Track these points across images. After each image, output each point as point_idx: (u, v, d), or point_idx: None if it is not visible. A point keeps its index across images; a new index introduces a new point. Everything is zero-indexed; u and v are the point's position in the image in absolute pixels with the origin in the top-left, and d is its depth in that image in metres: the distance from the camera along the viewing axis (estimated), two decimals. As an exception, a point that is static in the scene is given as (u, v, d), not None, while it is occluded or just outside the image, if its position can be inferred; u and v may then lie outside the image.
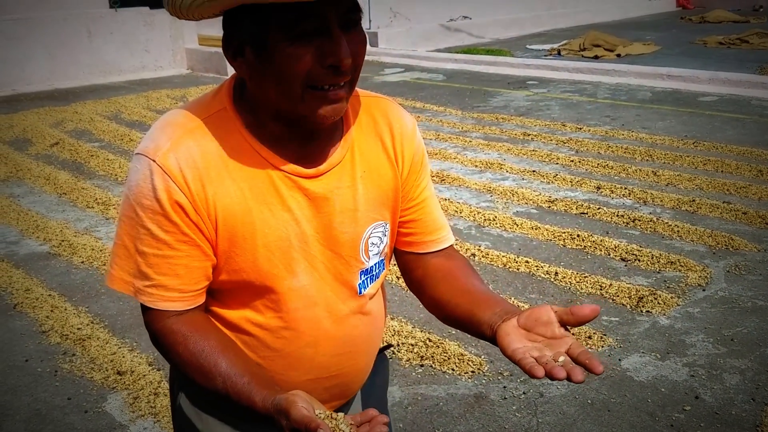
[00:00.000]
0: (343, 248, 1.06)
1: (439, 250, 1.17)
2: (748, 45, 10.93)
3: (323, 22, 0.89)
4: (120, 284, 1.01)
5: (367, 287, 1.11)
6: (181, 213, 0.96)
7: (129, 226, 0.98)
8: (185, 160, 0.95)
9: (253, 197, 0.99)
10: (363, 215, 1.07)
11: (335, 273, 1.07)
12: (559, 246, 3.73)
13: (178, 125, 0.99)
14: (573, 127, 6.17)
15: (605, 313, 3.02)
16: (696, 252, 3.59)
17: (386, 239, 1.12)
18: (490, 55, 10.44)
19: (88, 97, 8.26)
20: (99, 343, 2.89)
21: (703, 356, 2.68)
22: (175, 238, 0.97)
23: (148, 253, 0.98)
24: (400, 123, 1.11)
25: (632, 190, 4.47)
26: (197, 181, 0.96)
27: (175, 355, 1.00)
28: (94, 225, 4.27)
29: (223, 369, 0.96)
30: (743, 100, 6.99)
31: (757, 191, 4.36)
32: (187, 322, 1.00)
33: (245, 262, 1.01)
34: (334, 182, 1.03)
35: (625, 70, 8.54)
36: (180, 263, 0.98)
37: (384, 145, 1.09)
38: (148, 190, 0.96)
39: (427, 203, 1.16)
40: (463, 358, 2.68)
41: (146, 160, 0.96)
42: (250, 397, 0.93)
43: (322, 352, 1.08)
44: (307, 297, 1.05)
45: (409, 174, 1.12)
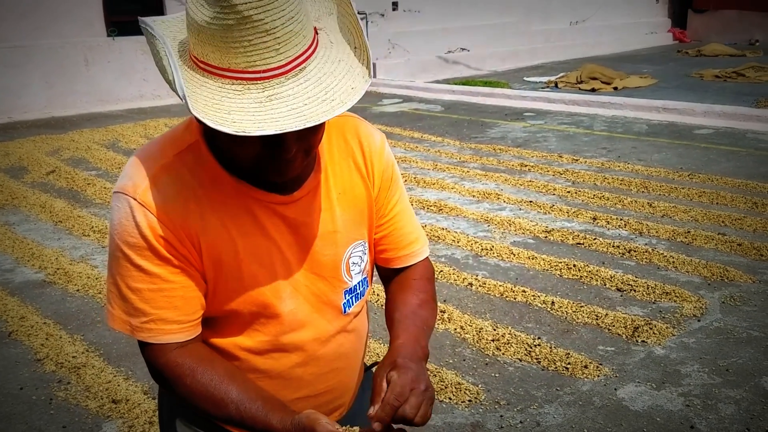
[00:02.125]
0: (325, 270, 1.08)
1: (411, 264, 1.20)
2: (745, 78, 11.07)
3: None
4: (119, 323, 1.01)
5: (352, 306, 1.13)
6: (168, 246, 0.97)
7: (117, 266, 1.00)
8: (164, 194, 0.97)
9: (234, 227, 1.00)
10: (342, 236, 1.09)
11: (319, 295, 1.09)
12: (556, 276, 3.74)
13: (153, 161, 0.99)
14: (569, 159, 6.23)
15: (601, 343, 3.02)
16: (691, 283, 3.60)
17: (366, 257, 1.15)
18: (487, 86, 10.57)
19: (85, 125, 8.33)
20: (94, 371, 2.88)
21: (698, 386, 2.68)
22: (168, 270, 0.98)
23: (142, 289, 0.98)
24: (369, 140, 1.13)
25: (628, 221, 4.49)
26: (178, 215, 0.97)
27: (183, 387, 1.00)
28: (89, 253, 4.28)
29: (235, 396, 0.98)
30: (739, 133, 7.06)
31: (752, 223, 4.39)
32: (191, 354, 1.01)
33: (231, 290, 1.02)
34: (311, 206, 1.05)
35: (622, 102, 8.65)
36: (176, 294, 0.99)
37: (356, 164, 1.11)
38: (132, 228, 0.96)
39: (399, 217, 1.18)
40: (460, 387, 2.68)
41: (126, 198, 0.97)
42: (267, 420, 0.95)
43: (310, 371, 1.10)
44: (295, 320, 1.07)
45: (380, 190, 1.14)
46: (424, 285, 1.18)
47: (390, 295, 1.19)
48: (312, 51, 0.90)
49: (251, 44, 0.84)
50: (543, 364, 2.86)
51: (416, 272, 1.20)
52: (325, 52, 0.92)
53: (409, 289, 1.17)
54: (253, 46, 0.84)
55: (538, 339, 3.05)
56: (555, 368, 2.82)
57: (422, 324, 1.11)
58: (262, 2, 0.82)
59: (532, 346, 2.98)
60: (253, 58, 0.85)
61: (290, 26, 0.85)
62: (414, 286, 1.17)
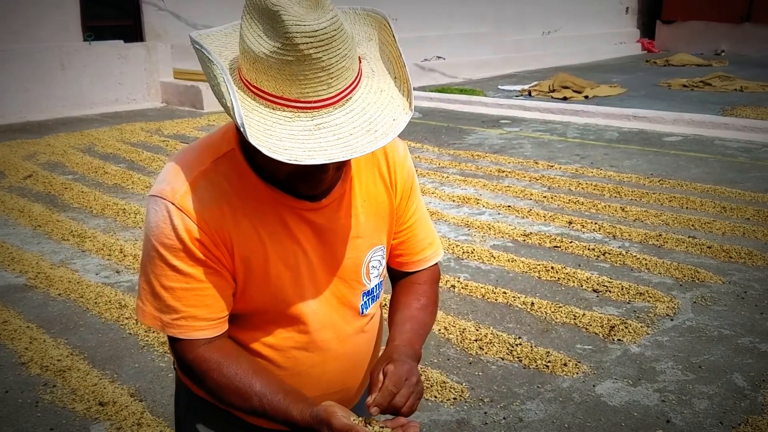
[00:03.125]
0: (346, 273, 1.14)
1: (424, 269, 1.27)
2: (711, 87, 11.39)
3: None
4: (150, 319, 1.07)
5: (369, 307, 1.19)
6: (203, 249, 1.03)
7: (152, 265, 1.05)
8: (201, 200, 1.02)
9: (264, 231, 1.06)
10: (364, 241, 1.15)
11: (340, 296, 1.15)
12: (535, 278, 3.84)
13: (191, 168, 1.05)
14: (545, 165, 6.36)
15: (579, 342, 3.12)
16: (663, 284, 3.73)
17: (384, 261, 1.21)
18: (464, 94, 10.71)
19: (61, 129, 8.23)
20: (79, 374, 2.88)
21: (672, 382, 2.79)
22: (201, 271, 1.04)
23: (175, 287, 1.04)
24: (393, 151, 1.19)
25: (602, 225, 4.62)
26: (214, 220, 1.03)
27: (210, 380, 1.06)
28: (69, 257, 4.26)
29: (258, 389, 1.03)
30: (706, 140, 7.29)
31: (720, 226, 4.55)
32: (218, 349, 1.07)
33: (259, 290, 1.08)
34: (336, 213, 1.11)
35: (594, 110, 8.85)
36: (208, 294, 1.05)
37: (381, 173, 1.17)
38: (169, 231, 1.02)
39: (416, 225, 1.25)
40: (445, 385, 2.74)
41: (164, 203, 1.03)
42: (288, 411, 1.01)
43: (329, 369, 1.16)
44: (316, 320, 1.12)
45: (401, 199, 1.20)
46: (426, 289, 1.25)
47: (394, 297, 1.26)
48: (357, 82, 0.96)
49: (306, 78, 0.90)
50: (524, 363, 2.94)
51: (422, 276, 1.27)
52: (368, 81, 0.98)
53: (412, 293, 1.23)
54: (308, 80, 0.90)
55: (519, 338, 3.14)
56: (536, 366, 2.91)
57: (418, 328, 1.18)
58: (322, 43, 0.87)
59: (514, 345, 3.07)
60: (306, 90, 0.91)
61: (343, 63, 0.91)
62: (417, 291, 1.24)
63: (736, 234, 4.43)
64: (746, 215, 4.78)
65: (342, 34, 0.90)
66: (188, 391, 1.22)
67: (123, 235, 4.61)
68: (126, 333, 3.26)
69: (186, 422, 1.24)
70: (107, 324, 3.36)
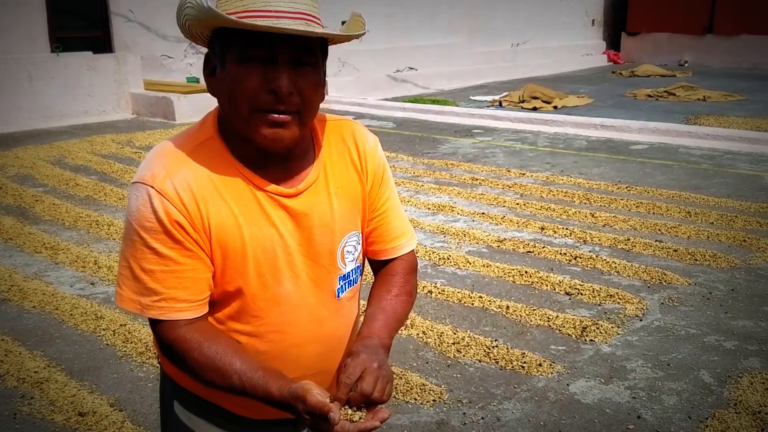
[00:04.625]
0: (322, 257, 1.19)
1: (398, 257, 1.31)
2: (675, 97, 11.71)
3: (271, 53, 1.04)
4: (128, 303, 1.10)
5: (345, 291, 1.24)
6: (181, 231, 1.07)
7: (133, 249, 1.08)
8: (180, 184, 1.07)
9: (241, 215, 1.11)
10: (339, 227, 1.20)
11: (316, 280, 1.19)
12: (509, 282, 3.92)
13: (170, 154, 1.10)
14: (517, 173, 6.49)
15: (553, 343, 3.20)
16: (632, 286, 3.84)
17: (360, 247, 1.26)
18: (436, 104, 10.85)
19: (30, 142, 8.11)
20: (57, 385, 2.86)
21: (642, 380, 2.88)
22: (179, 253, 1.08)
23: (155, 270, 1.08)
24: (363, 141, 1.25)
25: (573, 231, 4.74)
26: (192, 203, 1.07)
27: (191, 360, 1.09)
28: (43, 270, 4.21)
29: (238, 367, 1.07)
30: (671, 148, 7.50)
31: (686, 231, 4.70)
32: (198, 330, 1.11)
33: (236, 273, 1.12)
34: (312, 199, 1.16)
35: (563, 120, 9.03)
36: (187, 276, 1.09)
37: (353, 162, 1.23)
38: (149, 213, 1.06)
39: (388, 213, 1.29)
40: (424, 388, 2.80)
41: (144, 187, 1.07)
42: (266, 388, 1.04)
43: (306, 351, 1.20)
44: (292, 302, 1.17)
45: (372, 186, 1.26)
46: (398, 280, 1.29)
47: (371, 291, 1.30)
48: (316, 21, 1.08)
49: None
50: (501, 364, 3.01)
51: (397, 266, 1.31)
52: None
53: (385, 284, 1.28)
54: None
55: (495, 341, 3.21)
56: (512, 367, 2.98)
57: (387, 318, 1.20)
58: None
59: (490, 347, 3.13)
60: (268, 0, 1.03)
61: None
62: (389, 282, 1.28)
63: (701, 237, 4.58)
64: (710, 219, 4.94)
65: None
66: (173, 383, 1.25)
67: (97, 247, 4.58)
68: (103, 344, 3.25)
69: (171, 414, 1.27)
70: (84, 335, 3.34)
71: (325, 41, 1.13)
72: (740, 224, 4.83)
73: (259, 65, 1.04)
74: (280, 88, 1.04)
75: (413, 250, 1.34)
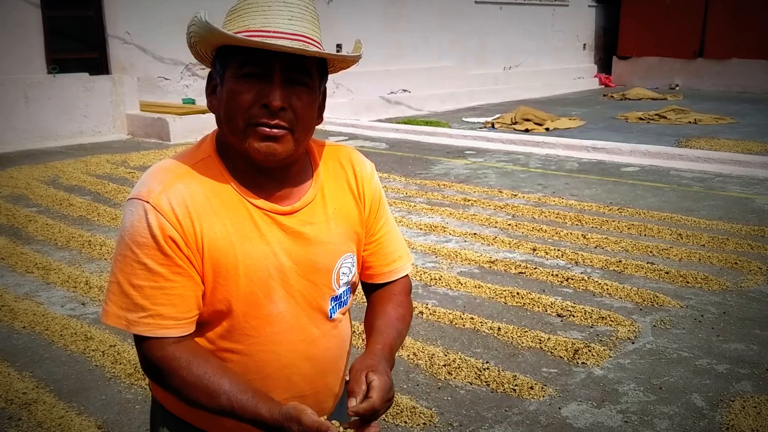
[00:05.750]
0: (317, 276, 1.19)
1: (394, 280, 1.33)
2: (666, 120, 11.82)
3: (266, 70, 1.08)
4: (113, 319, 1.10)
5: (336, 312, 1.24)
6: (174, 247, 1.08)
7: (123, 264, 1.09)
8: (175, 200, 1.09)
9: (235, 232, 1.12)
10: (335, 248, 1.21)
11: (309, 299, 1.19)
12: (501, 303, 3.92)
13: (168, 171, 1.13)
14: (509, 194, 6.52)
15: (545, 365, 3.20)
16: (624, 308, 3.85)
17: (354, 270, 1.27)
18: (429, 126, 10.92)
19: (24, 162, 8.11)
20: (45, 407, 2.84)
21: (635, 403, 2.87)
22: (169, 270, 1.08)
23: (144, 286, 1.08)
24: (360, 167, 1.28)
25: (565, 252, 4.75)
26: (186, 218, 1.09)
27: (178, 378, 1.08)
28: (34, 290, 4.19)
29: (227, 387, 1.06)
30: (662, 171, 7.56)
31: (677, 253, 4.72)
32: (187, 349, 1.10)
33: (228, 291, 1.12)
34: (307, 218, 1.18)
35: (554, 142, 9.10)
36: (175, 293, 1.09)
37: (350, 187, 1.25)
38: (143, 229, 1.07)
39: (385, 238, 1.31)
40: (414, 411, 2.78)
41: (140, 203, 1.09)
42: (256, 409, 1.04)
43: (297, 372, 1.19)
44: (284, 321, 1.17)
45: (370, 212, 1.28)
46: (402, 299, 1.32)
47: (371, 305, 1.31)
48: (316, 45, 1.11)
49: (270, 9, 1.07)
50: (492, 387, 3.00)
51: (397, 287, 1.33)
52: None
53: (390, 302, 1.29)
54: (271, 11, 1.07)
55: (486, 363, 3.20)
56: (503, 390, 2.97)
57: (397, 336, 1.24)
58: None
59: (482, 369, 3.13)
60: (268, 20, 1.07)
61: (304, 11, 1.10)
62: (394, 300, 1.30)
63: (693, 260, 4.60)
64: (701, 242, 4.97)
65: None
66: (164, 410, 1.24)
67: (89, 267, 4.56)
68: (92, 365, 3.23)
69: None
70: (73, 356, 3.32)
71: (323, 64, 1.16)
72: (731, 247, 4.85)
73: (255, 82, 1.08)
74: (272, 102, 1.07)
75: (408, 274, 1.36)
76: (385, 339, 1.20)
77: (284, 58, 1.06)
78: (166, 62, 11.21)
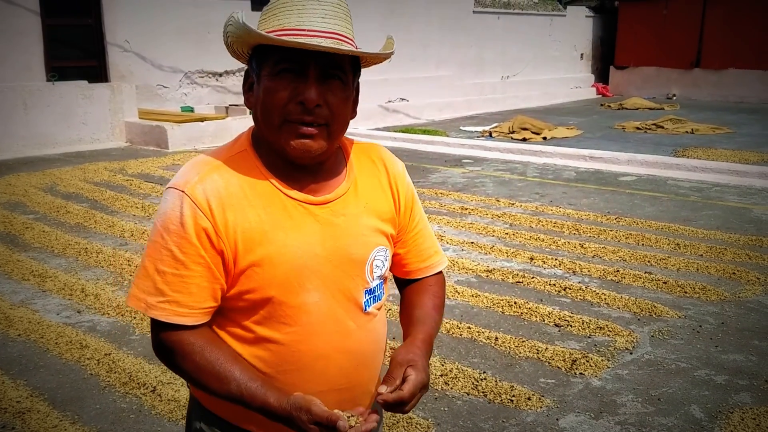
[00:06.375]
0: (352, 267, 1.21)
1: (429, 276, 1.36)
2: (663, 130, 11.85)
3: (301, 67, 1.10)
4: (134, 301, 1.15)
5: (370, 306, 1.26)
6: (203, 236, 1.11)
7: (153, 250, 1.13)
8: (211, 190, 1.12)
9: (270, 222, 1.15)
10: (369, 240, 1.23)
11: (344, 290, 1.21)
12: (498, 313, 3.91)
13: (205, 163, 1.17)
14: (506, 203, 6.52)
15: (542, 376, 3.18)
16: (622, 318, 3.84)
17: (387, 263, 1.29)
18: (427, 134, 10.94)
19: (23, 169, 8.11)
20: (39, 416, 2.82)
21: (633, 415, 2.86)
22: (191, 259, 1.11)
23: (167, 272, 1.12)
24: (392, 165, 1.31)
25: (562, 261, 4.75)
26: (220, 209, 1.12)
27: (191, 363, 1.13)
28: (30, 297, 4.17)
29: (237, 375, 1.10)
30: (660, 180, 7.57)
31: (675, 263, 4.71)
32: (201, 336, 1.14)
33: (264, 279, 1.15)
34: (340, 210, 1.20)
35: (552, 151, 9.12)
36: (193, 282, 1.12)
37: (381, 183, 1.28)
38: (176, 217, 1.11)
39: (420, 234, 1.35)
40: (411, 422, 2.76)
41: (177, 192, 1.13)
42: (265, 397, 1.07)
43: (332, 364, 1.21)
44: (320, 311, 1.19)
45: (404, 209, 1.31)
46: (437, 291, 1.36)
47: (408, 296, 1.34)
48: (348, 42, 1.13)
49: (304, 8, 1.09)
50: (489, 397, 2.98)
51: (431, 279, 1.36)
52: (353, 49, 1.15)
53: (426, 293, 1.33)
54: (305, 10, 1.09)
55: (483, 373, 3.18)
56: (500, 401, 2.95)
57: (435, 326, 1.29)
58: None
59: (479, 380, 3.11)
60: (303, 19, 1.09)
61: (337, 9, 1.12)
62: (430, 291, 1.34)
63: (690, 270, 4.60)
64: (699, 252, 4.97)
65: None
66: (200, 406, 1.26)
67: (85, 275, 4.54)
68: (87, 374, 3.21)
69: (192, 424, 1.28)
70: (68, 365, 3.29)
71: (356, 61, 1.19)
72: (729, 257, 4.85)
73: (290, 79, 1.10)
74: (308, 100, 1.09)
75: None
76: (426, 329, 1.24)
77: (319, 56, 1.09)
78: (165, 70, 11.24)
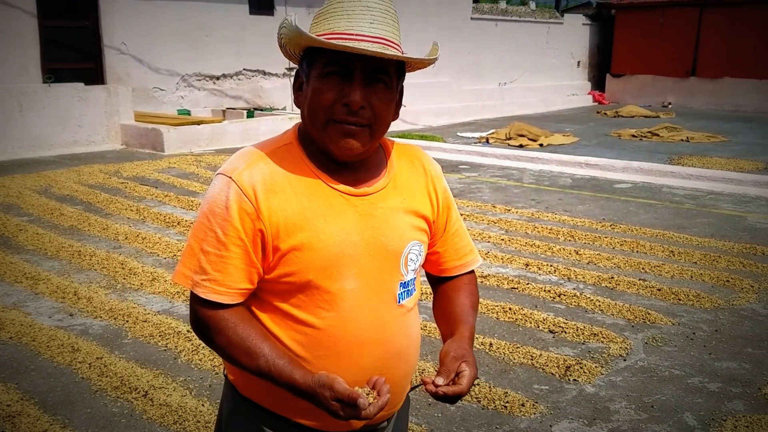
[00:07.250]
0: (387, 259, 1.25)
1: (463, 274, 1.41)
2: (659, 138, 11.89)
3: (348, 70, 1.16)
4: (181, 278, 1.22)
5: (404, 299, 1.29)
6: (246, 220, 1.17)
7: (199, 230, 1.21)
8: (256, 177, 1.19)
9: (311, 209, 1.20)
10: (405, 233, 1.27)
11: (380, 280, 1.25)
12: (493, 318, 3.90)
13: (253, 152, 1.24)
14: (502, 209, 6.52)
15: (536, 382, 3.17)
16: (616, 325, 3.83)
17: (421, 258, 1.32)
18: (424, 140, 10.95)
19: (17, 171, 8.09)
20: (30, 420, 2.79)
21: (626, 422, 2.85)
22: (232, 241, 1.18)
23: (210, 252, 1.19)
24: (431, 166, 1.37)
25: (557, 268, 4.75)
26: (264, 194, 1.18)
27: (224, 337, 1.20)
28: (22, 300, 4.15)
29: (267, 351, 1.17)
30: (655, 188, 7.59)
31: (669, 270, 4.72)
32: (235, 313, 1.21)
33: (303, 263, 1.19)
34: (380, 203, 1.25)
35: (548, 158, 9.14)
36: (231, 263, 1.19)
37: (419, 183, 1.33)
38: (222, 201, 1.19)
39: (456, 234, 1.40)
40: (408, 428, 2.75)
41: (225, 178, 1.20)
42: (291, 374, 1.14)
43: (366, 353, 1.24)
44: (356, 299, 1.23)
45: (442, 209, 1.35)
46: (473, 289, 1.40)
47: (444, 292, 1.39)
48: (396, 47, 1.18)
49: (354, 13, 1.16)
50: (483, 404, 2.97)
51: (465, 277, 1.41)
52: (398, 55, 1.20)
53: (462, 290, 1.38)
54: (355, 15, 1.15)
55: (477, 379, 3.17)
56: (494, 407, 2.94)
57: (474, 325, 1.34)
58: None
59: (473, 386, 3.09)
60: (352, 23, 1.15)
61: (386, 15, 1.17)
62: (467, 290, 1.39)
63: (685, 277, 4.60)
64: (693, 259, 4.97)
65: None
66: (236, 392, 1.30)
67: (77, 278, 4.52)
68: (78, 378, 3.18)
69: (228, 425, 1.32)
70: (59, 368, 3.27)
71: (402, 64, 1.23)
72: (723, 264, 4.86)
73: (337, 81, 1.16)
74: (353, 102, 1.15)
75: None
76: (469, 327, 1.30)
77: (365, 60, 1.15)
78: (161, 73, 11.23)
